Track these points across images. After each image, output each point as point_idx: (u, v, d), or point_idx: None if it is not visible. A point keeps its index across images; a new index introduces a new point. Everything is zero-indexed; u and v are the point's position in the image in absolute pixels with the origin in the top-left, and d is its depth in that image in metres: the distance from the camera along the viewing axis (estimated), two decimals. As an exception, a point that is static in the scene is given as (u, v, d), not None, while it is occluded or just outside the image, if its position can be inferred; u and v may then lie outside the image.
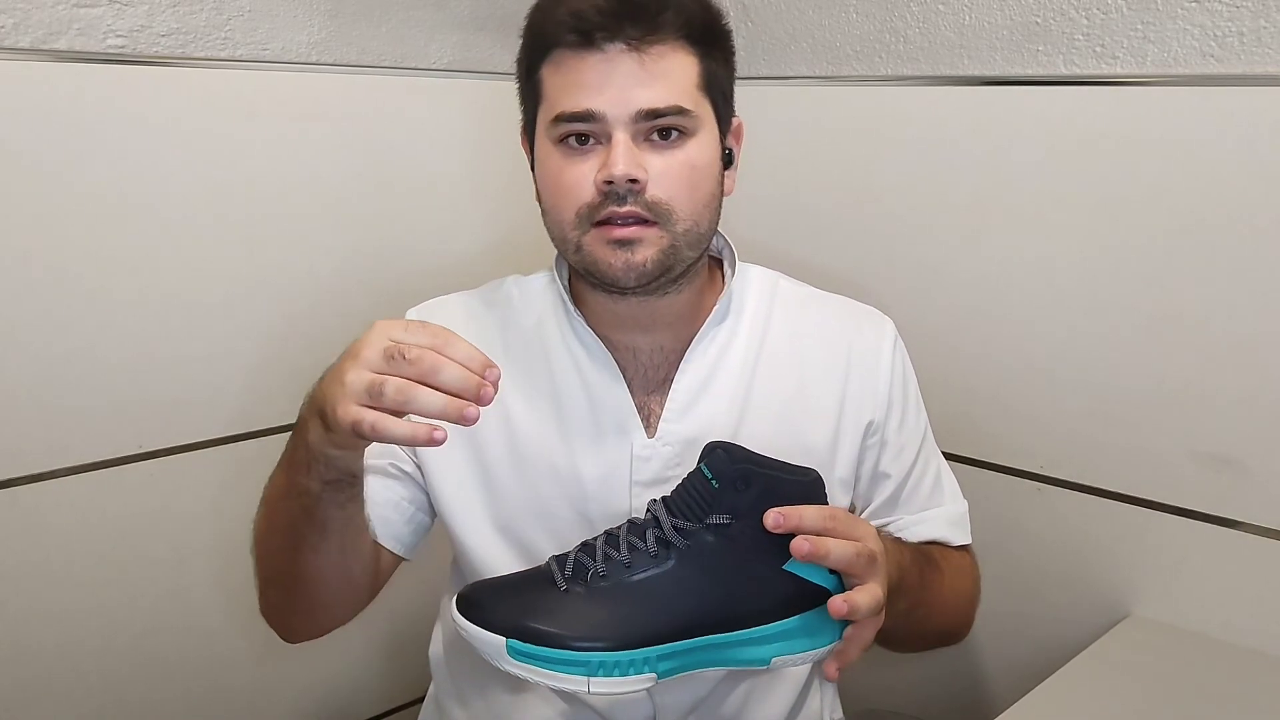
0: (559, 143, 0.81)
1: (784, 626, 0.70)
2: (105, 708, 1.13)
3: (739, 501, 0.68)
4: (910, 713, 1.29)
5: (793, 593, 0.69)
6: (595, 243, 0.81)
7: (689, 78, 0.81)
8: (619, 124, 0.79)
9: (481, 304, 0.95)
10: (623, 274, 0.80)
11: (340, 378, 0.66)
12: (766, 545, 0.68)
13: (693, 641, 0.68)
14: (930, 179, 1.18)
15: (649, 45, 0.79)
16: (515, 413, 0.89)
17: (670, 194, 0.80)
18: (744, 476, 0.68)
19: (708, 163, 0.82)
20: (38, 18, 0.99)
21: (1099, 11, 1.06)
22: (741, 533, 0.68)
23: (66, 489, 1.06)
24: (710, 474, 0.69)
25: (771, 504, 0.67)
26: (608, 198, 0.79)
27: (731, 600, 0.68)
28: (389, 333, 0.67)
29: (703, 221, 0.83)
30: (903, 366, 0.94)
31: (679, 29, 0.80)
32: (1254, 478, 1.01)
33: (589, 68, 0.79)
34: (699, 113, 0.81)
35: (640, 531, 0.70)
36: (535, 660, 0.66)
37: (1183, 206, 1.02)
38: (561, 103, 0.80)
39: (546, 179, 0.83)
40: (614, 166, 0.78)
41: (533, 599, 0.69)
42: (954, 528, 0.93)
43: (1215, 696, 0.95)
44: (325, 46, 1.19)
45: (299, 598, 0.86)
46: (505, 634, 0.67)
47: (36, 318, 1.02)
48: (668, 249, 0.81)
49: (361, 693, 1.35)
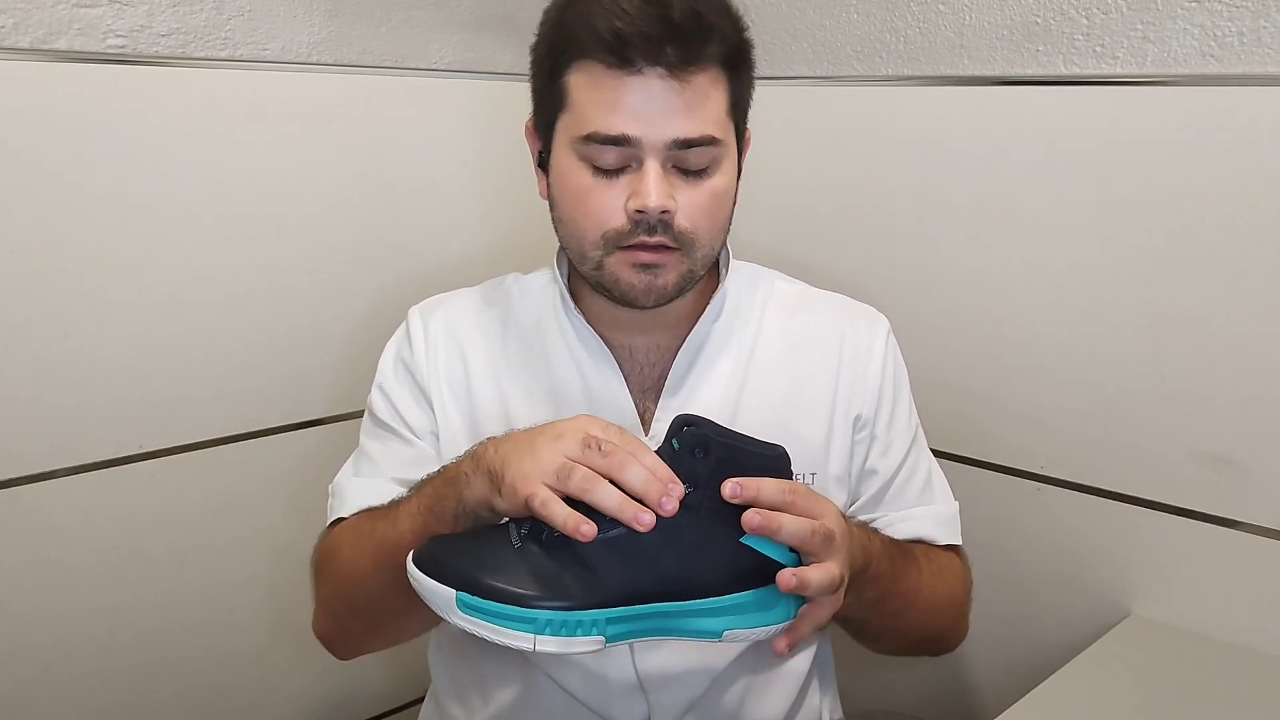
0: (586, 162, 0.80)
1: (737, 600, 0.69)
2: (106, 707, 1.13)
3: (697, 469, 0.67)
4: (910, 713, 1.29)
5: (748, 566, 0.69)
6: (619, 265, 0.81)
7: (721, 107, 0.80)
8: (652, 151, 0.78)
9: (483, 301, 0.95)
10: (643, 295, 0.81)
11: (534, 452, 0.68)
12: (725, 517, 0.67)
13: (645, 608, 0.68)
14: (930, 179, 1.18)
15: (689, 75, 0.77)
16: (515, 411, 0.89)
17: (695, 224, 0.80)
18: (703, 444, 0.67)
19: (728, 188, 0.83)
20: (38, 18, 0.99)
21: (1099, 11, 1.06)
22: (700, 502, 0.67)
23: (66, 489, 1.06)
24: (676, 443, 0.69)
25: (731, 475, 0.67)
26: (638, 225, 0.79)
27: (686, 569, 0.68)
28: (589, 427, 0.69)
29: (717, 244, 0.85)
30: (894, 363, 0.94)
31: (719, 58, 0.79)
32: (1254, 478, 1.01)
33: (626, 90, 0.76)
34: (726, 141, 0.81)
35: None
36: (483, 614, 0.66)
37: (1182, 206, 1.02)
38: (594, 121, 0.78)
39: (567, 192, 0.82)
40: (648, 198, 0.77)
41: (486, 555, 0.69)
42: (941, 527, 0.92)
43: (1215, 696, 0.95)
44: (325, 46, 1.19)
45: (389, 631, 0.88)
46: (456, 587, 0.66)
47: (36, 318, 1.02)
48: (686, 273, 0.82)
49: (361, 693, 1.35)
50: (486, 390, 0.90)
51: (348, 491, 0.89)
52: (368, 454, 0.92)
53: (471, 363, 0.91)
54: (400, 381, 0.91)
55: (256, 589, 1.23)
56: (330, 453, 1.23)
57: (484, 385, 0.90)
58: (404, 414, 0.90)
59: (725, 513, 0.67)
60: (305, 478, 1.24)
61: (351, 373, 1.23)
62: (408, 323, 0.94)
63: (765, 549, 0.69)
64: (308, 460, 1.24)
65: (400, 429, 0.90)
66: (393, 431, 0.90)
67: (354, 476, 0.91)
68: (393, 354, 0.93)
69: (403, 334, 0.93)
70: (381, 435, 0.91)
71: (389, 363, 0.93)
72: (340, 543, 0.86)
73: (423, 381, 0.90)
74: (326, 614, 0.90)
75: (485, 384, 0.90)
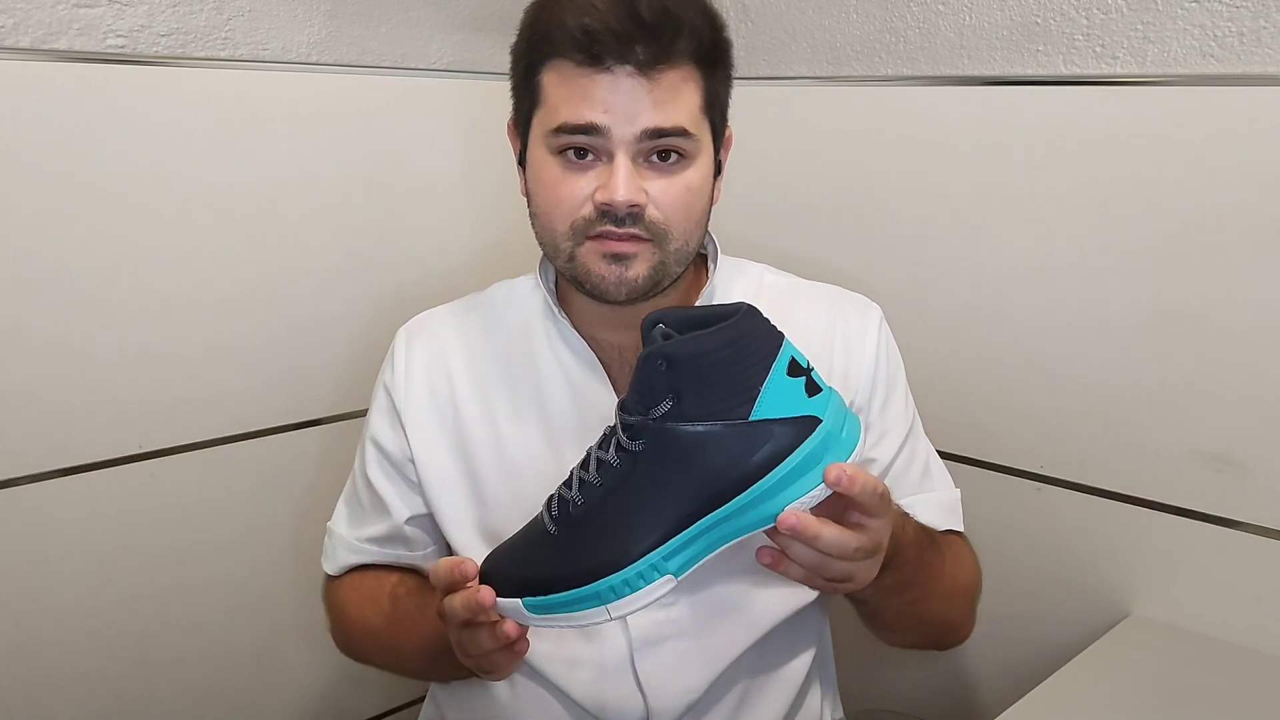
0: (557, 153, 0.81)
1: (776, 476, 0.65)
2: (106, 707, 1.13)
3: (674, 380, 0.64)
4: (910, 713, 1.29)
5: (771, 438, 0.65)
6: (589, 255, 0.81)
7: (694, 102, 0.80)
8: (621, 144, 0.78)
9: (468, 312, 0.96)
10: (614, 288, 0.81)
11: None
12: (721, 407, 0.64)
13: (692, 530, 0.66)
14: (930, 179, 1.18)
15: (659, 72, 0.77)
16: (501, 420, 0.89)
17: (668, 216, 0.80)
18: (664, 355, 0.65)
19: (703, 183, 0.83)
20: (38, 18, 0.99)
21: (1099, 11, 1.06)
22: (691, 407, 0.64)
23: (67, 489, 1.06)
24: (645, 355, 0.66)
25: (704, 366, 0.64)
26: (605, 216, 0.79)
27: (712, 476, 0.65)
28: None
29: (693, 239, 0.84)
30: (888, 350, 0.93)
31: (690, 55, 0.79)
32: (1254, 478, 1.01)
33: (595, 86, 0.77)
34: (699, 136, 0.81)
35: (606, 442, 0.68)
36: (551, 609, 0.66)
37: (1182, 206, 1.02)
38: (563, 113, 0.79)
39: (540, 185, 0.83)
40: (615, 192, 0.77)
41: (528, 552, 0.69)
42: (945, 513, 0.92)
43: (1215, 696, 0.95)
44: (325, 46, 1.19)
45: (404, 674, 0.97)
46: (518, 594, 0.67)
47: (36, 318, 1.02)
48: (658, 265, 0.81)
49: (361, 692, 1.35)
50: (472, 402, 0.90)
51: (339, 548, 0.96)
52: (359, 499, 0.96)
53: (456, 376, 0.91)
54: (382, 408, 0.94)
55: (256, 589, 1.23)
56: (330, 453, 1.24)
57: (470, 398, 0.91)
58: (383, 444, 0.93)
59: (718, 403, 0.64)
60: (305, 478, 1.24)
61: (351, 373, 1.23)
62: (393, 346, 0.95)
63: (782, 410, 0.65)
64: (307, 460, 1.24)
65: (381, 483, 0.93)
66: (374, 492, 0.94)
67: (345, 529, 0.96)
68: (379, 381, 0.95)
69: (388, 359, 0.95)
70: (369, 488, 0.94)
71: (377, 390, 0.95)
72: (347, 605, 0.93)
73: (399, 405, 0.92)
74: (341, 641, 0.97)
75: (471, 397, 0.91)
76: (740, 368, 0.65)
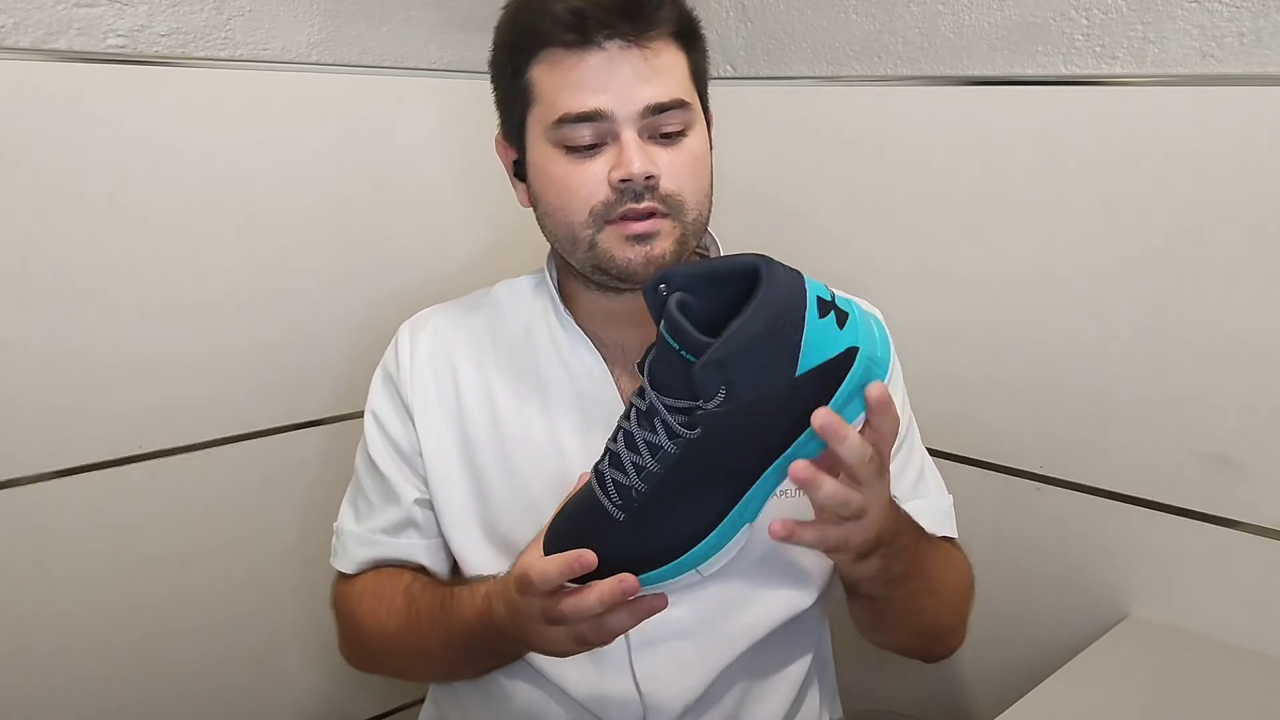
0: (562, 145, 0.81)
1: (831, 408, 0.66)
2: (106, 708, 1.13)
3: (725, 374, 0.64)
4: (910, 713, 1.29)
5: (820, 381, 0.65)
6: (612, 240, 0.81)
7: (683, 72, 0.82)
8: (627, 122, 0.79)
9: (472, 310, 0.95)
10: (642, 268, 0.81)
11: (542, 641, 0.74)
12: (769, 377, 0.64)
13: (759, 484, 0.68)
14: (930, 179, 1.18)
15: (648, 41, 0.79)
16: (505, 417, 0.89)
17: (681, 186, 0.81)
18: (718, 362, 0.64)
19: (705, 153, 0.84)
20: (38, 18, 0.99)
21: (1099, 11, 1.06)
22: (743, 389, 0.64)
23: (67, 489, 1.06)
24: (677, 346, 0.66)
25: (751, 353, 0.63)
26: (623, 195, 0.80)
27: (769, 437, 0.66)
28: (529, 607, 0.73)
29: (705, 210, 0.85)
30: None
31: (672, 25, 0.81)
32: (1254, 478, 1.01)
33: (590, 66, 0.78)
34: (694, 105, 0.83)
35: (649, 424, 0.68)
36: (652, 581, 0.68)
37: (1182, 206, 1.02)
38: (563, 103, 0.79)
39: (550, 182, 0.83)
40: (631, 165, 0.78)
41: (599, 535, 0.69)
42: (938, 520, 0.92)
43: (1214, 697, 0.95)
44: (325, 46, 1.19)
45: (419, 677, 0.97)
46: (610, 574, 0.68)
47: (36, 318, 1.02)
48: (680, 239, 0.82)
49: (362, 693, 1.35)
50: (476, 399, 0.90)
51: (349, 543, 0.93)
52: (365, 494, 0.94)
53: (461, 373, 0.91)
54: (387, 398, 0.93)
55: (257, 590, 1.23)
56: (330, 453, 1.24)
57: (473, 394, 0.90)
58: (390, 433, 0.92)
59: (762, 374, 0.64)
60: (305, 478, 1.24)
61: (351, 373, 1.23)
62: (396, 338, 0.94)
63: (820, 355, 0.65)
64: (307, 461, 1.24)
65: (388, 466, 0.91)
66: (381, 479, 0.92)
67: (354, 524, 0.94)
68: (381, 371, 0.95)
69: (391, 350, 0.94)
70: (375, 475, 0.93)
71: (378, 380, 0.95)
72: (359, 607, 0.91)
73: (406, 399, 0.91)
74: (349, 651, 0.95)
75: (475, 393, 0.90)
76: (780, 335, 0.65)
